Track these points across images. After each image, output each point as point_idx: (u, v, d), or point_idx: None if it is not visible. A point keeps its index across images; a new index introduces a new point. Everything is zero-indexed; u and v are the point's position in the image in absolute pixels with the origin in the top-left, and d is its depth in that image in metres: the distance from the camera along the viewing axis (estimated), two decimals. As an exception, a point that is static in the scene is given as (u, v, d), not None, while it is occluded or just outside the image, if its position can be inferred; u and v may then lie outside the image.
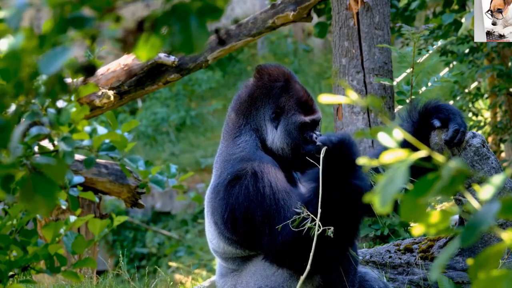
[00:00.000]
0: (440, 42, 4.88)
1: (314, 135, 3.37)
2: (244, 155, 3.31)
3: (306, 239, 3.10)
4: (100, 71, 5.56)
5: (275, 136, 3.39)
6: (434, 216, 1.41)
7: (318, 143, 3.18)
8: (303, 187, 3.42)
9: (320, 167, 3.08)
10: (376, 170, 3.40)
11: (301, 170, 3.40)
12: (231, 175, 3.25)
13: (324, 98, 1.54)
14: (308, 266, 3.06)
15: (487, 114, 9.06)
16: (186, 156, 13.70)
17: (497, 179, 1.37)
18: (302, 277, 3.12)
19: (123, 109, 14.98)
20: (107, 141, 1.95)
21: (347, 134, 3.30)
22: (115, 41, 1.39)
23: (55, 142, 1.81)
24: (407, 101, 4.66)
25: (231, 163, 3.32)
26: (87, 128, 1.92)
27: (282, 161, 3.36)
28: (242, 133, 3.41)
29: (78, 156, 5.25)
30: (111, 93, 5.39)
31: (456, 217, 4.15)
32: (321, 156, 3.10)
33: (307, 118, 3.38)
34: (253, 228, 3.22)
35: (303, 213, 3.11)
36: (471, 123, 8.39)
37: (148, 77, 5.65)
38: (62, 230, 2.22)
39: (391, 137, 1.44)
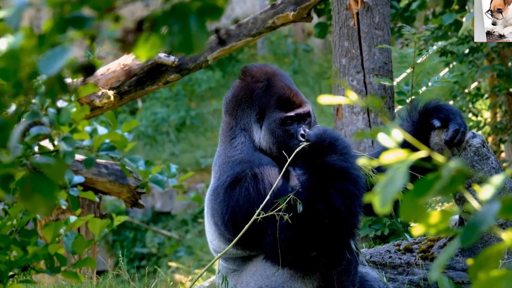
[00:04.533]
0: (440, 43, 4.88)
1: (301, 131, 3.36)
2: (243, 157, 3.32)
3: (308, 237, 3.10)
4: (100, 71, 5.56)
5: (260, 136, 3.40)
6: (434, 216, 1.41)
7: (302, 139, 3.30)
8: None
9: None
10: (379, 169, 3.40)
11: (294, 165, 3.42)
12: (231, 177, 3.25)
13: (324, 99, 1.54)
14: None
15: (487, 115, 9.06)
16: (186, 156, 13.71)
17: (497, 179, 1.37)
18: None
19: (123, 109, 14.98)
20: (107, 141, 1.95)
21: (328, 128, 3.34)
22: (114, 41, 1.39)
23: (55, 142, 1.81)
24: (407, 101, 4.66)
25: (230, 165, 3.33)
26: (87, 128, 1.92)
27: (274, 158, 3.36)
28: (236, 135, 3.43)
29: (78, 156, 5.25)
30: (111, 93, 5.39)
31: (456, 217, 4.15)
32: (303, 144, 3.21)
33: (289, 114, 3.37)
34: (255, 229, 3.22)
35: (289, 198, 3.14)
36: (471, 123, 8.39)
37: (148, 77, 5.65)
38: (62, 230, 2.22)
39: (391, 137, 1.44)
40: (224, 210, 3.27)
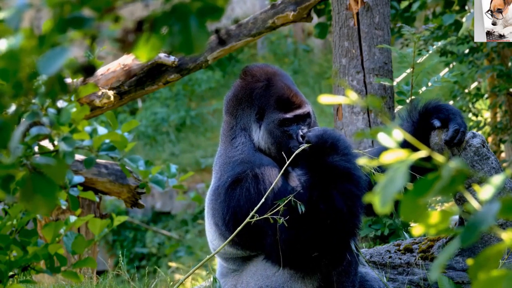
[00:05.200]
0: (440, 43, 4.88)
1: (300, 132, 3.36)
2: (244, 158, 3.32)
3: (309, 238, 3.10)
4: (100, 71, 5.56)
5: (259, 136, 3.39)
6: (434, 216, 1.41)
7: (302, 140, 3.27)
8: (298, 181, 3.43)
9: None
10: (380, 169, 3.40)
11: (294, 165, 3.41)
12: (232, 178, 3.25)
13: (324, 99, 1.54)
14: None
15: (487, 115, 9.07)
16: (186, 156, 13.71)
17: (497, 179, 1.37)
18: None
19: (123, 109, 14.99)
20: (107, 141, 1.95)
21: (328, 128, 3.32)
22: (114, 41, 1.39)
23: (55, 142, 1.81)
24: (407, 101, 4.66)
25: (231, 165, 3.32)
26: (87, 128, 1.92)
27: (274, 159, 3.35)
28: (236, 135, 3.42)
29: (78, 156, 5.25)
30: (111, 93, 5.39)
31: (456, 217, 4.15)
32: (304, 146, 3.20)
33: (288, 115, 3.36)
34: (255, 229, 3.22)
35: (289, 199, 3.14)
36: (471, 123, 8.40)
37: (148, 77, 5.65)
38: (62, 230, 2.22)
39: (391, 137, 1.44)
40: (225, 211, 3.27)
